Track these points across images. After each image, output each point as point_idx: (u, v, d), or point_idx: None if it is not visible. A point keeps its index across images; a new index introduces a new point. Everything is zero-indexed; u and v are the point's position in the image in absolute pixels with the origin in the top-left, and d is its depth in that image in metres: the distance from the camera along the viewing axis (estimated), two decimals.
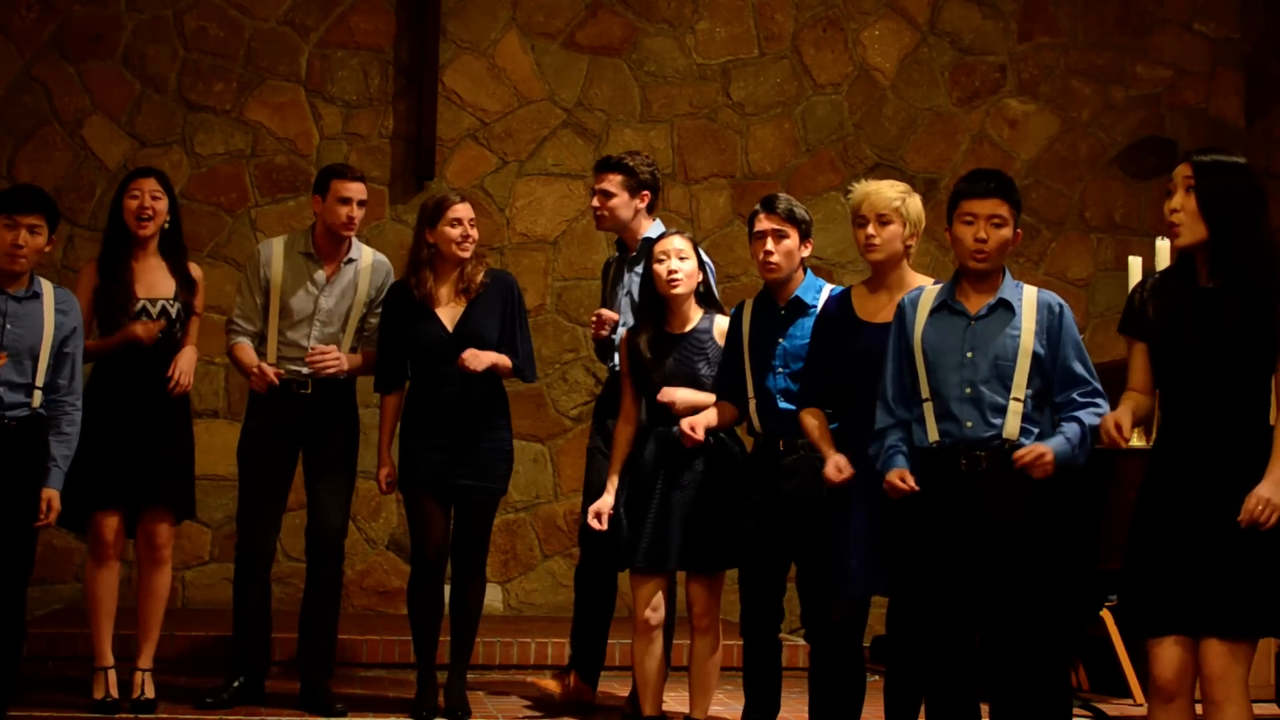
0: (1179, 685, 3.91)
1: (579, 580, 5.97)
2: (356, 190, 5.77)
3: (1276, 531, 3.79)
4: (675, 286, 5.28)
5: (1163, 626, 3.90)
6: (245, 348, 5.77)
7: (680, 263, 5.29)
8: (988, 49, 8.66)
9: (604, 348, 5.95)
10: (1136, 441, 5.70)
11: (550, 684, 5.87)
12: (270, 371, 5.64)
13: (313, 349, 5.71)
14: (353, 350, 5.82)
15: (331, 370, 5.70)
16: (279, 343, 5.76)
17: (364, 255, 5.90)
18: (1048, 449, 4.22)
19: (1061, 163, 8.68)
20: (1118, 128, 8.74)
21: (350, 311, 5.81)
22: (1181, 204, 3.91)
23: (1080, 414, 4.30)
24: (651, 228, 5.94)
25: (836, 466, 4.66)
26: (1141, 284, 4.13)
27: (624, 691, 6.00)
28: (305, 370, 5.75)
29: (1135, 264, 6.27)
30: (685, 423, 5.14)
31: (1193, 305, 3.93)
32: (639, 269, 5.85)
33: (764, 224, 5.06)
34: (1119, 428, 3.96)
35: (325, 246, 5.83)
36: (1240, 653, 3.83)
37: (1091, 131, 8.72)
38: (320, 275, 5.80)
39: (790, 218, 5.05)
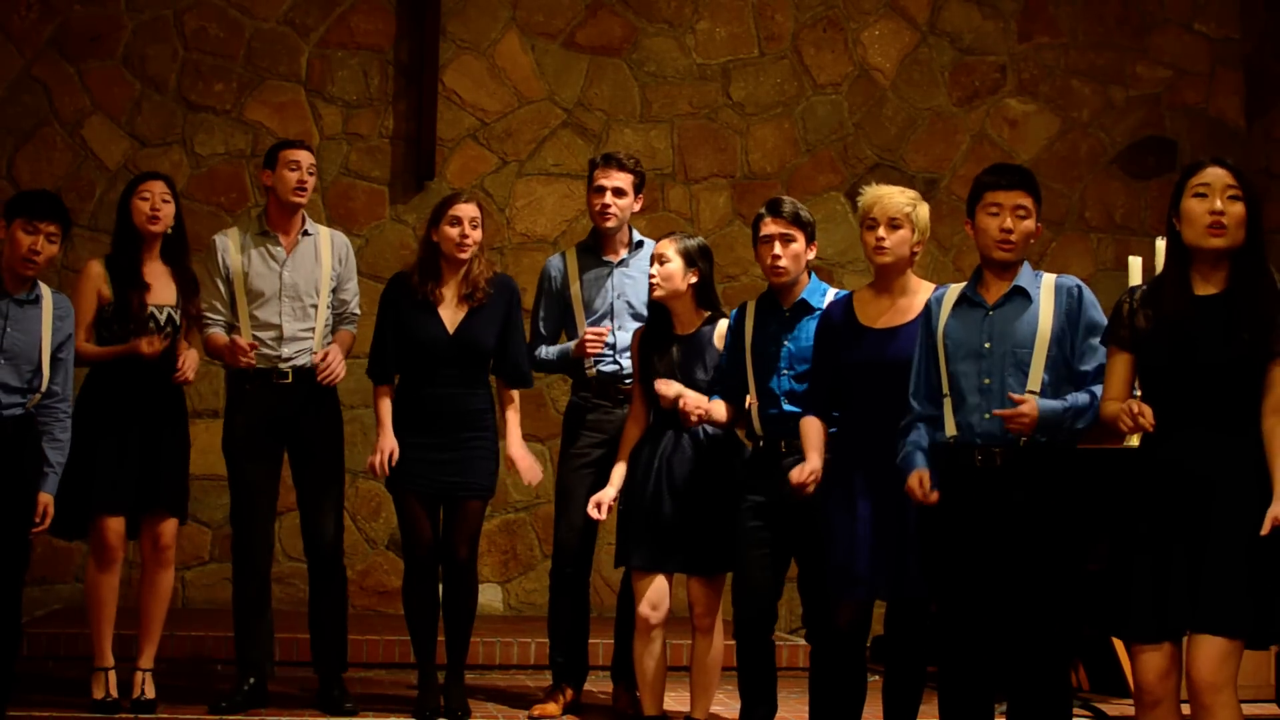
0: (1163, 689, 3.92)
1: (554, 586, 5.94)
2: (304, 157, 5.81)
3: (1271, 536, 3.81)
4: (654, 291, 5.34)
5: (1153, 632, 3.91)
6: (217, 333, 5.78)
7: (660, 266, 5.32)
8: (988, 49, 8.66)
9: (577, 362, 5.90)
10: (1136, 442, 5.71)
11: (549, 708, 5.84)
12: (243, 341, 5.63)
13: (317, 364, 5.69)
14: (329, 328, 5.82)
15: (336, 376, 5.70)
16: (252, 326, 5.75)
17: (320, 230, 5.93)
18: (1034, 410, 4.21)
19: (1061, 163, 8.68)
20: (1118, 128, 8.74)
21: (319, 285, 5.81)
22: (1225, 209, 3.96)
23: (1096, 387, 4.28)
24: (635, 233, 5.99)
25: (800, 470, 4.71)
26: (1130, 295, 4.16)
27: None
28: (285, 354, 5.73)
29: (1135, 264, 6.27)
30: (690, 402, 5.15)
31: (1199, 312, 3.96)
32: (630, 273, 5.87)
33: (771, 228, 5.06)
34: (1140, 411, 3.93)
35: (279, 222, 5.84)
36: (1232, 653, 3.83)
37: (1091, 131, 8.72)
38: (279, 251, 5.81)
39: (796, 220, 5.05)
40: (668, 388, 5.24)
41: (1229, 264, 3.99)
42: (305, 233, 5.86)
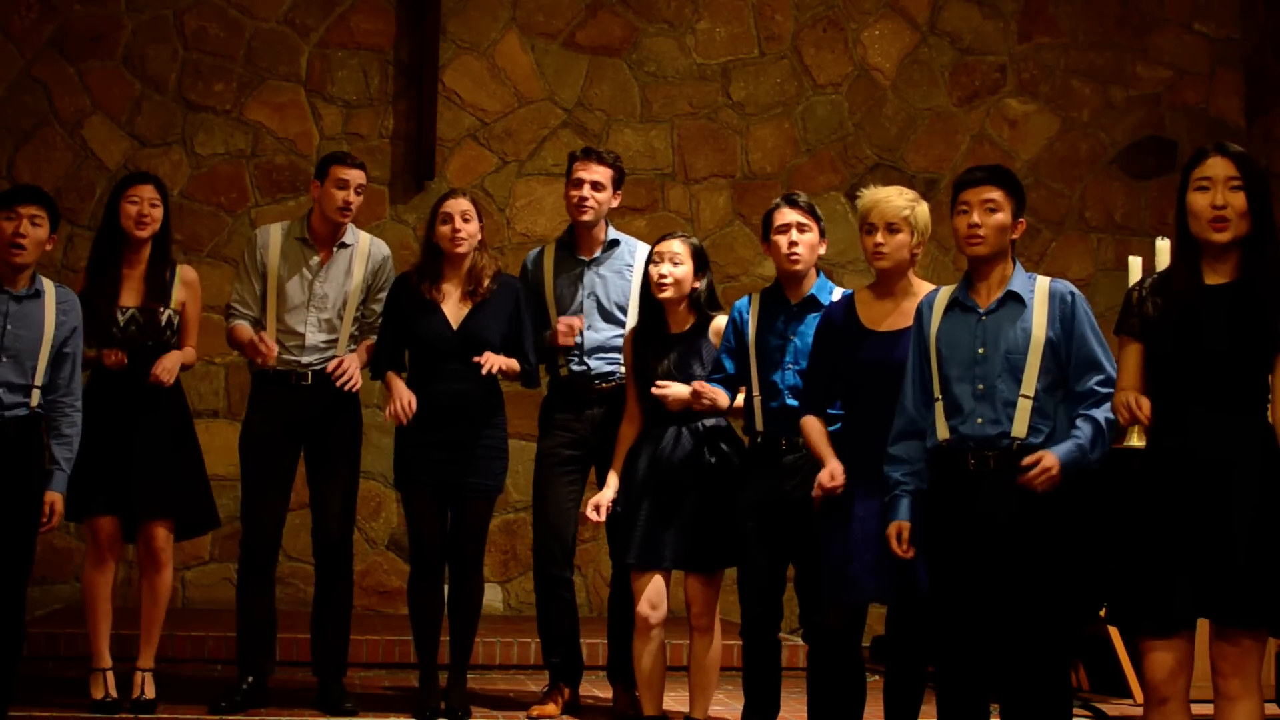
0: (1173, 687, 3.90)
1: (539, 588, 5.90)
2: (354, 176, 5.76)
3: None
4: (663, 291, 5.33)
5: (1166, 625, 3.90)
6: (242, 326, 5.76)
7: (673, 267, 5.31)
8: (988, 49, 8.66)
9: (552, 352, 5.88)
10: (1137, 441, 5.72)
11: (548, 709, 5.83)
12: (269, 342, 5.61)
13: (333, 368, 5.66)
14: (354, 337, 5.82)
15: (349, 385, 5.66)
16: (277, 330, 5.76)
17: (360, 240, 5.89)
18: (1054, 461, 4.19)
19: (1061, 163, 8.68)
20: (1118, 128, 8.74)
21: (347, 297, 5.79)
22: (1227, 201, 3.94)
23: (1095, 411, 4.27)
24: (611, 230, 5.95)
25: (831, 474, 4.66)
26: (1140, 284, 4.15)
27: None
28: (304, 360, 5.75)
29: (1135, 264, 6.29)
30: (696, 385, 5.11)
31: (1206, 302, 3.95)
32: (601, 271, 5.85)
33: (788, 217, 5.08)
34: (1138, 404, 3.94)
35: (320, 232, 5.82)
36: (1254, 643, 3.83)
37: (1091, 131, 8.72)
38: (315, 260, 5.80)
39: (812, 211, 5.11)
40: (667, 389, 5.23)
41: (1238, 253, 3.97)
42: (343, 244, 5.83)
